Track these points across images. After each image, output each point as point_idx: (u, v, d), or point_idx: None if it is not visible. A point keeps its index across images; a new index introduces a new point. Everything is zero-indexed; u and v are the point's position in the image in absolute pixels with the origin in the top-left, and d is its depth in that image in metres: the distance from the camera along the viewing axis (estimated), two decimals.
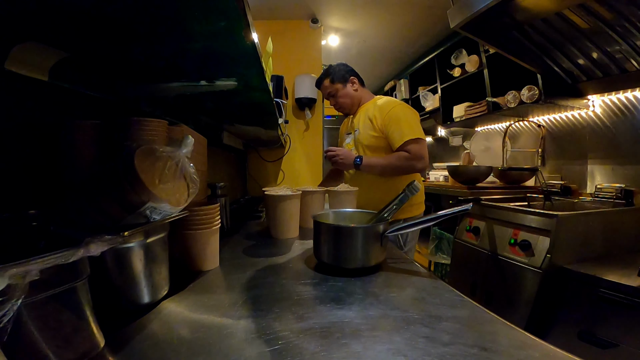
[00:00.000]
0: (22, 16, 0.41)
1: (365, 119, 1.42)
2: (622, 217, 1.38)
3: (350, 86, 1.48)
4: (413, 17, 2.56)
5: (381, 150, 1.38)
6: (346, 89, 1.48)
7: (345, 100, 1.49)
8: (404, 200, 0.78)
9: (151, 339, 0.44)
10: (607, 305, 1.02)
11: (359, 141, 1.44)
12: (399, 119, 1.32)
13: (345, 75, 1.48)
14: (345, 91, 1.48)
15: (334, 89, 1.49)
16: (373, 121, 1.38)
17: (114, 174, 0.45)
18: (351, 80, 1.48)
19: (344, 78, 1.48)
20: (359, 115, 1.48)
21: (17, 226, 0.43)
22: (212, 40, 0.52)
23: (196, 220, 0.69)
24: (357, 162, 1.33)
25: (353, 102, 1.50)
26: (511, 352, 0.40)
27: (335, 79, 1.48)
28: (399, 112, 1.35)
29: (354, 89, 1.49)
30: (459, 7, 1.37)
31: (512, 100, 1.96)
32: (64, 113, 0.62)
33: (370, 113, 1.41)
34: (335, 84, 1.48)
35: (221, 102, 0.93)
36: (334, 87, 1.48)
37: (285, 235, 1.06)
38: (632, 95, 1.61)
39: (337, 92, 1.49)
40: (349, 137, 1.54)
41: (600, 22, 1.29)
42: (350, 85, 1.48)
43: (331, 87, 1.49)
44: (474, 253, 1.62)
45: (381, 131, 1.36)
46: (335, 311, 0.52)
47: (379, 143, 1.38)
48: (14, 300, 0.27)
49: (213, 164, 1.44)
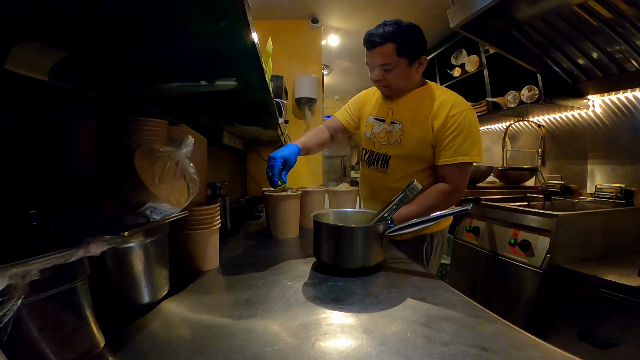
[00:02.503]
0: (22, 16, 0.41)
1: (418, 114, 1.07)
2: (622, 217, 1.38)
3: (416, 67, 1.07)
4: (413, 17, 2.54)
5: (425, 160, 1.08)
6: (410, 69, 1.06)
7: (399, 83, 1.08)
8: (403, 200, 0.78)
9: (151, 339, 0.44)
10: (607, 305, 1.02)
11: (400, 140, 1.09)
12: (462, 129, 1.00)
13: (418, 48, 1.05)
14: (408, 71, 1.06)
15: (394, 62, 1.02)
16: (430, 124, 1.04)
17: (114, 174, 0.45)
18: (421, 60, 1.06)
19: (415, 53, 1.04)
20: (406, 105, 1.11)
21: (17, 226, 0.43)
22: (212, 40, 0.52)
23: (196, 220, 0.69)
24: None
25: (409, 86, 1.11)
26: (511, 352, 0.40)
27: (404, 51, 1.02)
28: (467, 119, 1.01)
29: (418, 72, 1.09)
30: (459, 7, 1.37)
31: (512, 100, 1.96)
32: (64, 113, 0.62)
33: (426, 108, 1.06)
34: (401, 57, 1.02)
35: (221, 102, 0.93)
36: (398, 60, 1.02)
37: (285, 235, 1.06)
38: (632, 95, 1.61)
39: (396, 69, 1.04)
40: (379, 125, 1.17)
41: (600, 22, 1.29)
42: (417, 65, 1.07)
43: (392, 58, 1.02)
44: (474, 253, 1.62)
45: (435, 136, 1.03)
46: (335, 311, 0.52)
47: (427, 151, 1.06)
48: (14, 300, 0.27)
49: (213, 164, 1.44)
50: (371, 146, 1.20)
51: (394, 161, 1.11)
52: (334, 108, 5.15)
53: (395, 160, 1.11)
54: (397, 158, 1.11)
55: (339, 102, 5.08)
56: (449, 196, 1.04)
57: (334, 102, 5.04)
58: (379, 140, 1.17)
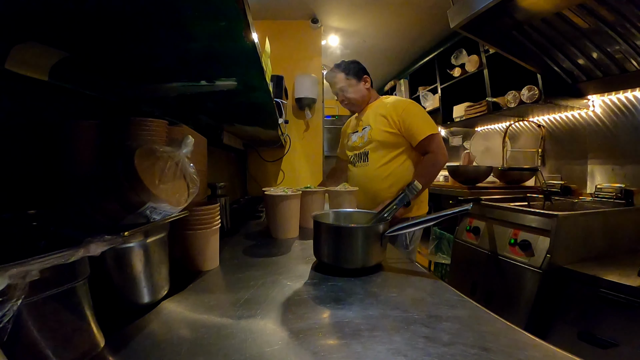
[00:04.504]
0: (22, 16, 0.41)
1: (377, 116, 1.46)
2: (622, 217, 1.38)
3: (363, 84, 1.52)
4: (413, 17, 2.56)
5: (395, 145, 1.44)
6: (359, 86, 1.51)
7: (355, 97, 1.52)
8: (403, 200, 0.78)
9: (151, 339, 0.44)
10: (607, 305, 1.02)
11: (372, 137, 1.47)
12: (415, 116, 1.39)
13: (359, 72, 1.52)
14: (357, 87, 1.51)
15: (346, 83, 1.51)
16: (388, 118, 1.42)
17: (114, 174, 0.45)
18: (364, 78, 1.53)
19: (359, 75, 1.52)
20: (368, 114, 1.52)
21: (17, 226, 0.43)
22: (212, 40, 0.52)
23: (196, 220, 0.69)
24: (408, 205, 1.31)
25: (363, 99, 1.54)
26: (511, 352, 0.40)
27: (350, 73, 1.50)
28: (413, 109, 1.42)
29: (366, 87, 1.53)
30: (459, 7, 1.37)
31: (512, 100, 1.96)
32: (64, 113, 0.62)
33: (382, 111, 1.45)
34: (350, 79, 1.50)
35: (221, 102, 0.93)
36: (348, 81, 1.50)
37: (285, 235, 1.06)
38: (632, 95, 1.61)
39: (349, 87, 1.51)
40: (355, 135, 1.57)
41: (600, 22, 1.29)
42: (363, 83, 1.52)
43: (344, 81, 1.51)
44: (474, 253, 1.62)
45: (398, 128, 1.40)
46: (335, 311, 0.52)
47: (393, 139, 1.43)
48: (14, 300, 0.27)
49: (213, 164, 1.44)
50: (355, 150, 1.57)
51: (372, 154, 1.48)
52: (334, 108, 5.15)
53: (372, 153, 1.48)
54: (373, 151, 1.47)
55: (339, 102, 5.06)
56: (435, 160, 1.37)
57: (334, 102, 5.02)
58: (357, 144, 1.55)
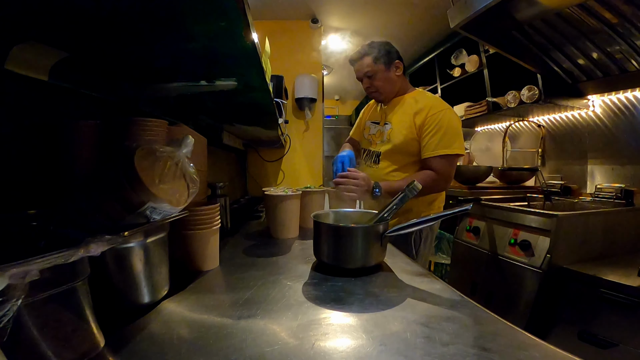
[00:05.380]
0: (22, 16, 0.41)
1: (404, 115, 1.26)
2: (622, 217, 1.38)
3: (394, 70, 1.29)
4: (413, 17, 2.55)
5: (411, 154, 1.25)
6: (389, 73, 1.28)
7: (384, 85, 1.29)
8: (403, 200, 0.78)
9: (151, 339, 0.44)
10: (607, 305, 1.02)
11: (389, 138, 1.29)
12: (442, 126, 1.17)
13: (391, 56, 1.27)
14: (387, 74, 1.28)
15: (374, 70, 1.26)
16: (415, 119, 1.22)
17: (114, 174, 0.45)
18: (396, 64, 1.28)
19: (390, 59, 1.27)
20: (395, 108, 1.31)
21: (17, 226, 0.43)
22: (212, 40, 0.52)
23: (196, 220, 0.69)
24: (376, 193, 1.13)
25: (393, 89, 1.31)
26: (511, 352, 0.40)
27: (380, 58, 1.26)
28: (446, 117, 1.18)
29: (397, 74, 1.30)
30: (459, 7, 1.37)
31: (512, 100, 1.96)
32: (64, 113, 0.62)
33: (411, 109, 1.25)
34: (378, 64, 1.26)
35: (221, 102, 0.93)
36: (376, 67, 1.26)
37: (285, 235, 1.06)
38: (632, 95, 1.61)
39: (377, 74, 1.27)
40: (374, 127, 1.37)
41: (600, 22, 1.29)
42: (395, 69, 1.29)
43: (372, 66, 1.26)
44: (474, 253, 1.62)
45: (418, 133, 1.22)
46: (335, 311, 0.52)
47: (413, 146, 1.24)
48: (14, 300, 0.27)
49: (213, 164, 1.44)
50: (368, 145, 1.39)
51: (384, 157, 1.30)
52: (334, 108, 5.13)
53: (385, 156, 1.30)
54: (386, 153, 1.30)
55: (339, 102, 5.07)
56: (434, 182, 1.16)
57: (334, 102, 5.03)
58: (374, 140, 1.37)
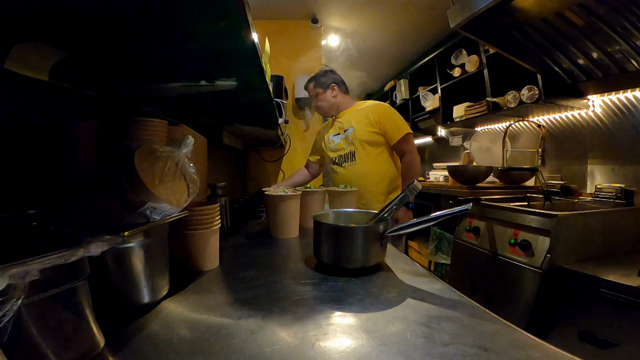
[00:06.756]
0: (22, 16, 0.41)
1: (359, 117, 1.63)
2: (622, 217, 1.38)
3: (329, 92, 1.69)
4: (413, 17, 2.56)
5: (378, 144, 1.60)
6: (325, 94, 1.69)
7: (322, 104, 1.71)
8: (404, 200, 0.78)
9: (151, 339, 0.44)
10: (607, 305, 1.02)
11: (356, 137, 1.62)
12: (392, 117, 1.59)
13: (326, 82, 1.69)
14: (324, 96, 1.69)
15: (314, 92, 1.71)
16: (370, 118, 1.59)
17: (114, 174, 0.45)
18: (331, 87, 1.69)
19: (325, 84, 1.69)
20: (347, 117, 1.69)
21: (17, 226, 0.43)
22: (212, 40, 0.52)
23: (196, 220, 0.69)
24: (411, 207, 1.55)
25: (330, 106, 1.71)
26: (511, 352, 0.40)
27: (317, 84, 1.69)
28: (391, 111, 1.62)
29: (332, 95, 1.69)
30: (459, 7, 1.37)
31: (512, 100, 1.96)
32: (64, 113, 0.62)
33: (363, 113, 1.63)
34: (316, 89, 1.70)
35: (221, 102, 0.93)
36: (315, 90, 1.70)
37: (285, 235, 1.06)
38: (632, 95, 1.61)
39: (318, 96, 1.70)
40: (337, 138, 1.72)
41: (600, 22, 1.29)
42: (330, 91, 1.69)
43: (313, 90, 1.71)
44: (474, 253, 1.62)
45: (379, 128, 1.58)
46: (335, 311, 0.52)
47: (377, 138, 1.60)
48: (14, 300, 0.27)
49: (213, 164, 1.44)
50: (339, 152, 1.70)
51: (359, 153, 1.63)
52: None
53: (360, 152, 1.62)
54: (360, 150, 1.62)
55: None
56: (413, 161, 1.56)
57: None
58: (341, 146, 1.70)
